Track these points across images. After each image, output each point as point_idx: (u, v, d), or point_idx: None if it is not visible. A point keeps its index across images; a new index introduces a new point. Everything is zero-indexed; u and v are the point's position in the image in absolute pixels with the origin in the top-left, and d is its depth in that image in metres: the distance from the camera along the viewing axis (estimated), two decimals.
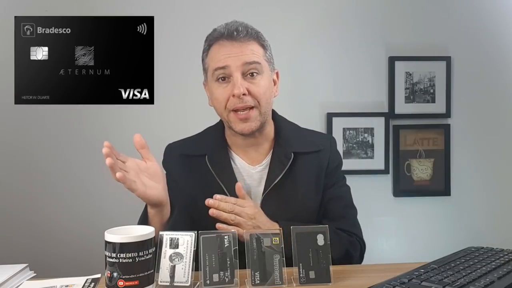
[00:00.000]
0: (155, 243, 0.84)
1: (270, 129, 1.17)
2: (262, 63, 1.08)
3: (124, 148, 1.89)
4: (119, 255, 0.78)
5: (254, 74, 1.06)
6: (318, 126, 1.95)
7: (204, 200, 1.07)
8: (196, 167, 1.13)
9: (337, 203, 1.17)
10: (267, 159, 1.15)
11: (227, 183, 1.09)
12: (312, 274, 0.86)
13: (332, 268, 0.87)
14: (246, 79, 1.06)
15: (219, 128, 1.19)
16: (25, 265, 0.95)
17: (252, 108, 1.06)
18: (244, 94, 1.04)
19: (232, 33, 1.06)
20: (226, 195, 1.07)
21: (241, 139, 1.13)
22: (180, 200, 1.11)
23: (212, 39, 1.09)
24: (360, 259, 1.15)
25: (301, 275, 0.86)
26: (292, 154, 1.12)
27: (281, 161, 1.12)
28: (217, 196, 1.01)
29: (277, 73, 1.17)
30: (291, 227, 0.89)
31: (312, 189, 1.14)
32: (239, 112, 1.06)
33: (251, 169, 1.14)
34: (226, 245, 0.86)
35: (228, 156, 1.14)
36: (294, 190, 1.11)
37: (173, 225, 1.02)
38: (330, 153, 1.20)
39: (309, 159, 1.15)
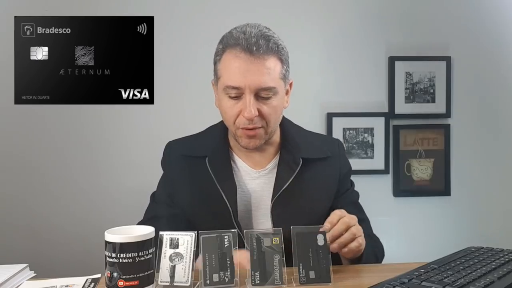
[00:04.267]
0: None
1: (276, 136, 1.13)
2: (277, 86, 1.02)
3: (124, 148, 1.91)
4: (119, 255, 0.78)
5: (267, 97, 1.02)
6: (318, 126, 1.95)
7: (201, 204, 1.05)
8: (196, 169, 1.10)
9: (354, 208, 1.15)
10: (272, 164, 1.12)
11: (225, 186, 1.06)
12: (312, 274, 0.86)
13: (332, 268, 0.87)
14: (259, 99, 1.01)
15: (221, 128, 1.15)
16: (25, 265, 0.95)
17: (259, 127, 1.03)
18: (255, 116, 1.00)
19: (252, 48, 0.97)
20: (223, 199, 1.04)
21: None
22: (178, 201, 1.11)
23: (228, 45, 1.01)
24: None
25: (301, 275, 0.86)
26: (301, 160, 1.09)
27: (290, 167, 1.09)
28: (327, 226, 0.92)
29: (291, 83, 1.11)
30: (291, 227, 0.89)
31: (323, 196, 1.12)
32: (247, 129, 1.03)
33: (253, 173, 1.11)
34: (226, 245, 0.86)
35: (229, 159, 1.11)
36: (304, 196, 1.08)
37: (171, 227, 1.02)
38: (339, 159, 1.18)
39: (318, 165, 1.12)
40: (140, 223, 1.13)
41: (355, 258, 0.99)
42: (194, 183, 1.10)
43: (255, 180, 1.11)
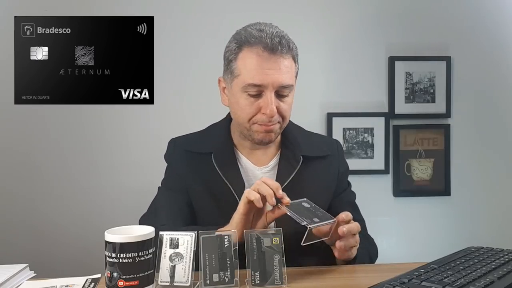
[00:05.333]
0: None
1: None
2: (293, 84, 1.06)
3: (124, 148, 1.91)
4: (119, 255, 0.78)
5: (285, 94, 1.05)
6: (318, 126, 1.95)
7: (208, 198, 1.07)
8: (201, 164, 1.11)
9: (351, 208, 1.16)
10: (274, 161, 1.14)
11: (234, 183, 1.08)
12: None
13: (332, 268, 0.87)
14: (278, 97, 1.04)
15: (224, 127, 1.17)
16: (25, 265, 0.95)
17: (276, 123, 1.06)
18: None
19: (277, 47, 1.00)
20: (233, 195, 1.06)
21: (249, 142, 1.12)
22: (184, 193, 1.12)
23: (246, 43, 1.02)
24: None
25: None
26: (301, 157, 1.11)
27: (291, 164, 1.11)
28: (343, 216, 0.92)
29: None
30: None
31: (322, 193, 1.14)
32: (265, 126, 1.05)
33: (256, 170, 1.13)
34: (226, 245, 0.86)
35: (235, 156, 1.13)
36: (304, 192, 1.08)
37: (175, 217, 1.05)
38: (338, 158, 1.20)
39: (318, 163, 1.14)
40: (148, 214, 1.15)
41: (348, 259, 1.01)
42: (199, 178, 1.11)
43: (258, 177, 1.12)
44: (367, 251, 1.09)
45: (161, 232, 0.86)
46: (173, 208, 1.10)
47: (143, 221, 1.12)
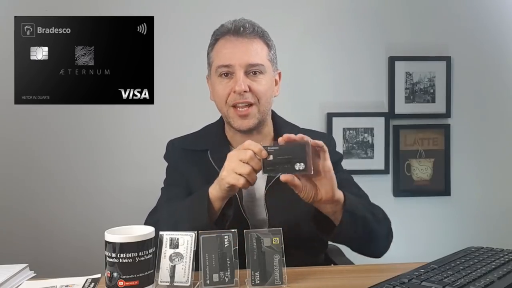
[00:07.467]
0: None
1: (269, 129, 1.19)
2: (265, 64, 1.10)
3: (124, 148, 1.91)
4: (119, 255, 0.78)
5: (257, 73, 1.09)
6: (318, 126, 1.95)
7: None
8: (199, 161, 1.15)
9: (348, 183, 1.16)
10: None
11: None
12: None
13: (332, 268, 0.87)
14: (249, 76, 1.09)
15: (219, 126, 1.21)
16: (25, 265, 0.95)
17: (251, 105, 1.09)
18: (245, 91, 1.07)
19: (239, 29, 1.08)
20: None
21: (240, 136, 1.14)
22: (184, 187, 1.14)
23: (219, 34, 1.12)
24: (387, 241, 1.17)
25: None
26: None
27: None
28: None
29: (279, 74, 1.18)
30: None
31: None
32: (239, 109, 1.09)
33: None
34: (226, 245, 0.86)
35: (229, 151, 1.15)
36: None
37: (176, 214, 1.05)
38: (329, 148, 1.20)
39: None
40: (154, 209, 1.15)
41: (336, 208, 0.97)
42: (198, 173, 1.14)
43: None
44: (367, 209, 1.07)
45: (161, 232, 0.86)
46: (173, 199, 1.12)
47: (149, 215, 1.14)
